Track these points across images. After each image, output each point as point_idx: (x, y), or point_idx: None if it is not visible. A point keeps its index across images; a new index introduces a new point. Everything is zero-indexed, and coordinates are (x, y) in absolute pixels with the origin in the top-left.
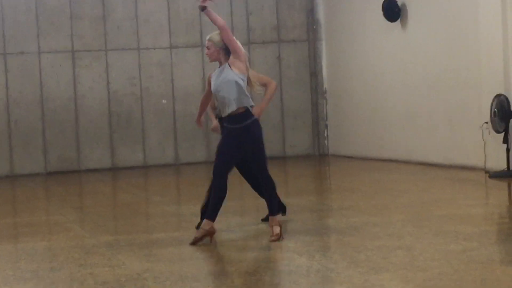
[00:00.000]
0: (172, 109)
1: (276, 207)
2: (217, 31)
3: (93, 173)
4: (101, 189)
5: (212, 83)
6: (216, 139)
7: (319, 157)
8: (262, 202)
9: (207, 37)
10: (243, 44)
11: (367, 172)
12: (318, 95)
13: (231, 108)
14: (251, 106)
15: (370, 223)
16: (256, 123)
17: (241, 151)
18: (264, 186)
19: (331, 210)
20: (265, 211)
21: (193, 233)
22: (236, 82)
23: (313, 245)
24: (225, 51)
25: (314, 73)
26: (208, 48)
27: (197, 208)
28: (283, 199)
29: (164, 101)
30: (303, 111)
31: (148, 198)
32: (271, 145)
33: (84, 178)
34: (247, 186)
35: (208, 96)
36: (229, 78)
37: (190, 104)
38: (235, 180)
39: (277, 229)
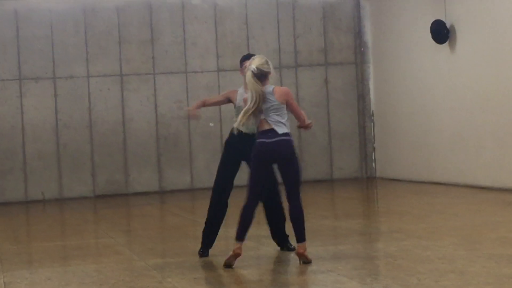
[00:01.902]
0: (219, 131)
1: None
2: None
3: (141, 196)
4: (149, 212)
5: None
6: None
7: (366, 180)
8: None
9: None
10: (290, 67)
11: (415, 195)
12: (366, 118)
13: None
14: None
15: (421, 246)
16: None
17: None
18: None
19: (381, 233)
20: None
21: (243, 255)
22: None
23: (364, 268)
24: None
25: (362, 96)
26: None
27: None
28: (332, 222)
29: (211, 124)
30: (350, 133)
31: (196, 221)
32: (318, 168)
33: (132, 201)
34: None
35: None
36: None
37: None
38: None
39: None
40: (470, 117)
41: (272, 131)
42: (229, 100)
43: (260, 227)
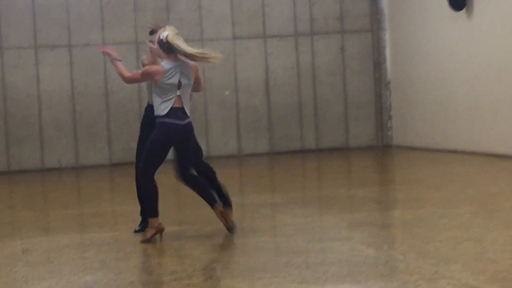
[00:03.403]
0: (235, 100)
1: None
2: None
3: None
4: (164, 180)
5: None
6: (281, 131)
7: (382, 148)
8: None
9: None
10: (305, 35)
11: (432, 163)
12: (382, 86)
13: None
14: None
15: (437, 214)
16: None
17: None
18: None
19: (397, 202)
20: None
21: (259, 223)
22: None
23: (381, 236)
24: (165, 48)
25: (378, 64)
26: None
27: (261, 199)
28: (348, 190)
29: (227, 92)
30: (366, 101)
31: None
32: (334, 136)
33: None
34: (311, 178)
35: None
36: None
37: (253, 96)
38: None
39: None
40: (487, 85)
41: (182, 111)
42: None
43: (275, 195)
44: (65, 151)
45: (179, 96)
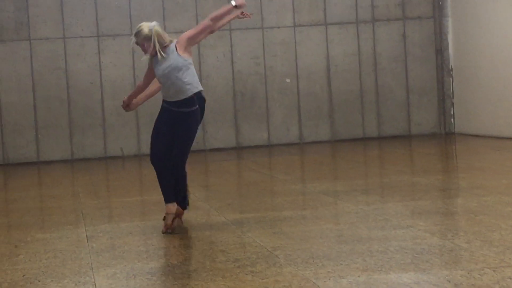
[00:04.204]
0: (296, 87)
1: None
2: (142, 24)
3: (218, 152)
4: (226, 167)
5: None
6: (342, 118)
7: (445, 136)
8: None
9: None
10: (367, 22)
11: (496, 150)
12: (444, 73)
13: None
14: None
15: (503, 202)
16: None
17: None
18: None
19: (461, 189)
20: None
21: (322, 210)
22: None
23: (445, 224)
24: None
25: (440, 50)
26: (143, 46)
27: (323, 187)
28: (411, 178)
29: (288, 80)
30: (429, 89)
31: (274, 177)
32: (396, 123)
33: (209, 157)
34: (373, 165)
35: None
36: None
37: (314, 83)
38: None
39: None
40: None
41: None
42: None
43: (337, 183)
44: (128, 139)
45: None
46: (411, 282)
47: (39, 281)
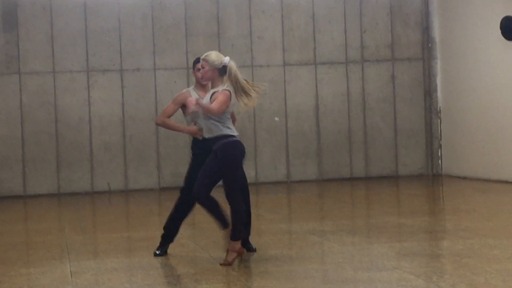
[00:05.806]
0: (285, 126)
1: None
2: (215, 51)
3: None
4: None
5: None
6: (330, 158)
7: (432, 177)
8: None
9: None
10: (356, 62)
11: (483, 193)
12: (433, 114)
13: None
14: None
15: (488, 245)
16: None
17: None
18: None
19: (447, 232)
20: None
21: (308, 250)
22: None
23: (430, 266)
24: (220, 72)
25: (429, 92)
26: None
27: (309, 226)
28: (397, 219)
29: (276, 118)
30: (416, 130)
31: (260, 215)
32: (383, 164)
33: None
34: (360, 206)
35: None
36: None
37: (303, 122)
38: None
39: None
40: None
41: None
42: (183, 105)
43: (324, 222)
44: (115, 174)
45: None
46: None
47: None
